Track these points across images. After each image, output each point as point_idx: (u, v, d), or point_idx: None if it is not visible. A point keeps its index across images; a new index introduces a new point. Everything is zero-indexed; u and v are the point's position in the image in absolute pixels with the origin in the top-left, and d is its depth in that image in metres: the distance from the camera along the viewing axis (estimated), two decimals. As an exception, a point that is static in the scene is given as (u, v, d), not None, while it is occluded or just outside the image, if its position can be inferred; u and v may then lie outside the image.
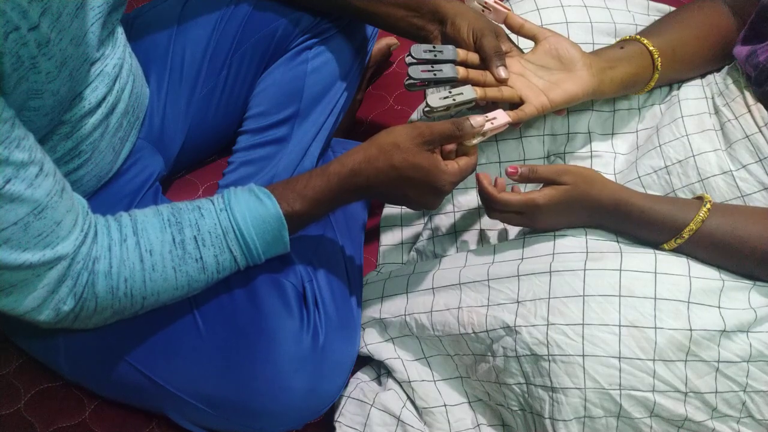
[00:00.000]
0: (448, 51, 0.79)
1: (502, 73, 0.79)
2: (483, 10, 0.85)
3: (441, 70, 0.78)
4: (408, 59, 0.79)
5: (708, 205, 0.73)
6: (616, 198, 0.75)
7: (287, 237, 0.72)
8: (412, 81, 0.78)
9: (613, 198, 0.75)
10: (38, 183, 0.57)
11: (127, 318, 0.71)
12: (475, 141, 0.77)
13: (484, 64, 0.81)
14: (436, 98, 0.76)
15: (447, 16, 0.83)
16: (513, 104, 0.80)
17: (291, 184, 0.72)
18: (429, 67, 0.77)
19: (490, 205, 0.79)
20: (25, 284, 0.59)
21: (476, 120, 0.72)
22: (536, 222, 0.79)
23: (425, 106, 0.76)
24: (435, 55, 0.79)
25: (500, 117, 0.76)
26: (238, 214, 0.69)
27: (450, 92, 0.76)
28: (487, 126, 0.75)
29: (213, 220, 0.69)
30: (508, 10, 0.84)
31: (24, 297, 0.60)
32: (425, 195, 0.73)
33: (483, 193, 0.78)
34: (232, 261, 0.71)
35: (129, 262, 0.66)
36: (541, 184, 0.77)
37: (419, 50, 0.78)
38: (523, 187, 0.83)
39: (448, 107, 0.76)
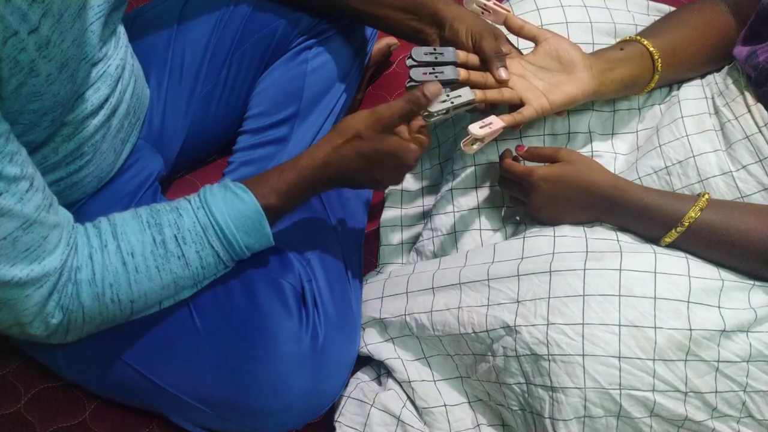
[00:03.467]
0: (449, 53, 0.80)
1: (503, 74, 0.79)
2: (482, 12, 0.85)
3: (442, 72, 0.78)
4: (409, 62, 0.79)
5: (706, 196, 0.74)
6: (613, 183, 0.77)
7: (268, 229, 0.72)
8: (413, 83, 0.78)
9: (610, 183, 0.77)
10: (28, 198, 0.57)
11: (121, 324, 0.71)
12: (475, 147, 0.77)
13: (485, 66, 0.81)
14: (434, 102, 0.76)
15: (445, 20, 0.83)
16: (513, 106, 0.81)
17: (264, 178, 0.73)
18: (430, 69, 0.78)
19: (500, 171, 0.85)
20: (14, 303, 0.60)
21: (429, 89, 0.71)
22: (532, 198, 0.80)
23: (424, 111, 0.76)
24: (436, 57, 0.79)
25: (495, 123, 0.77)
26: (216, 210, 0.70)
27: (448, 95, 0.76)
28: (485, 131, 0.76)
29: (191, 218, 0.69)
30: (508, 11, 0.84)
31: (14, 315, 0.61)
32: (393, 174, 0.75)
33: (500, 159, 0.85)
34: (215, 256, 0.71)
35: (112, 267, 0.66)
36: None
37: (420, 53, 0.78)
38: None
39: (447, 110, 0.76)
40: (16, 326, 0.62)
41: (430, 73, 0.77)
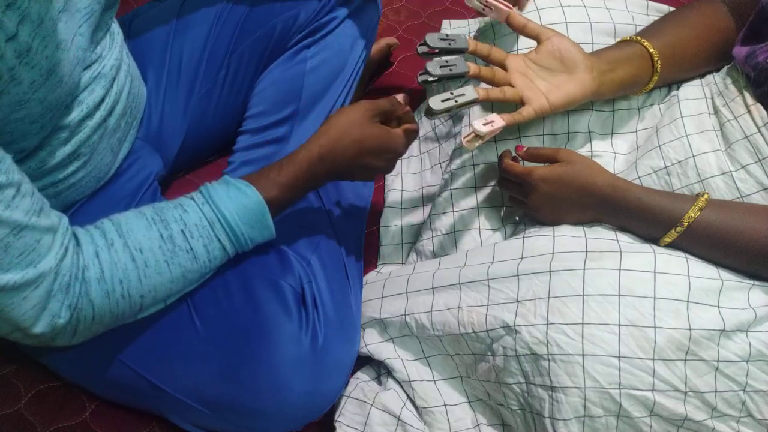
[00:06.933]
0: (461, 39, 0.80)
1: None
2: (484, 9, 0.85)
3: (455, 65, 0.79)
4: (421, 48, 0.80)
5: (706, 196, 0.74)
6: (613, 183, 0.77)
7: (271, 221, 0.74)
8: (426, 76, 0.79)
9: (609, 183, 0.77)
10: (15, 204, 0.57)
11: (127, 322, 0.71)
12: (477, 144, 0.77)
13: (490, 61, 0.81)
14: (437, 101, 0.76)
15: None
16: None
17: (264, 173, 0.76)
18: (443, 62, 0.78)
19: (500, 171, 0.85)
20: (12, 307, 0.59)
21: (402, 101, 0.82)
22: (531, 198, 0.80)
23: (427, 108, 0.76)
24: (449, 44, 0.80)
25: (497, 121, 0.78)
26: (222, 205, 0.71)
27: (452, 94, 0.76)
28: (488, 128, 0.76)
29: (197, 213, 0.71)
30: (510, 8, 0.83)
31: (13, 321, 0.60)
32: (384, 159, 0.80)
33: (499, 159, 0.85)
34: (221, 249, 0.72)
35: (121, 264, 0.66)
36: None
37: (434, 39, 0.79)
38: None
39: (449, 109, 0.76)
40: (17, 332, 0.62)
41: (443, 67, 0.78)
